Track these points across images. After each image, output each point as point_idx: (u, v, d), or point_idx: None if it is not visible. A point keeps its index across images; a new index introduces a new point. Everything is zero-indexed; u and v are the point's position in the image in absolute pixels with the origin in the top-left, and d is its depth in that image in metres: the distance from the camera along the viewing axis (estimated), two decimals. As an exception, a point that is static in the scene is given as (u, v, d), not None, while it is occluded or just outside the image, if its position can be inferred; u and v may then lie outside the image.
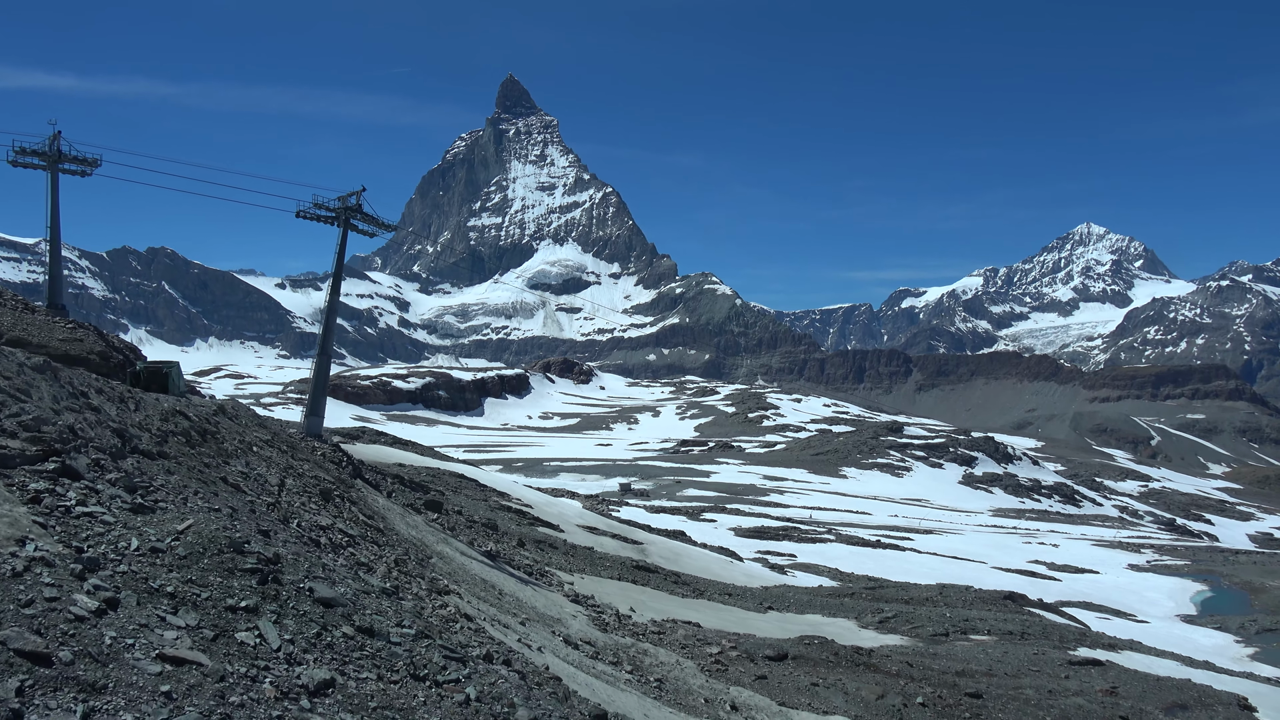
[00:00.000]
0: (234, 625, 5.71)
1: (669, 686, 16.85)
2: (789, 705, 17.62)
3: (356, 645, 6.19)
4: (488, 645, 10.18)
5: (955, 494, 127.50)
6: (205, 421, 12.78)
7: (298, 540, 9.69)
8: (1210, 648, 47.07)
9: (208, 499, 8.04)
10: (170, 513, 6.88)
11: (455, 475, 37.44)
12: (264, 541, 7.23)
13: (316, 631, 6.12)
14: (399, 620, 6.98)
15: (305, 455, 17.99)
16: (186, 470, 9.13)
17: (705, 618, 24.03)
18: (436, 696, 5.99)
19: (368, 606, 6.91)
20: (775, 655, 20.44)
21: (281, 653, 5.69)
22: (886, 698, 19.03)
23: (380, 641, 6.39)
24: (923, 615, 29.75)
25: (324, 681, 5.53)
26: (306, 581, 6.70)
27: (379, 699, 5.64)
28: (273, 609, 6.08)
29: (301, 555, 7.51)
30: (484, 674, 6.71)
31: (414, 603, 10.73)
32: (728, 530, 65.36)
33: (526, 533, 28.36)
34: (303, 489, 13.66)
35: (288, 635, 5.91)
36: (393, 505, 20.32)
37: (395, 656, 6.26)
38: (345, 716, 5.32)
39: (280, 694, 5.22)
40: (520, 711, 6.21)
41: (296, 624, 6.10)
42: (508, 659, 9.76)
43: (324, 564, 7.62)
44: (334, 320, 25.06)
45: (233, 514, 7.79)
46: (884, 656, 22.51)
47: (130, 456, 8.21)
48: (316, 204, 23.13)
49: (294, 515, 10.79)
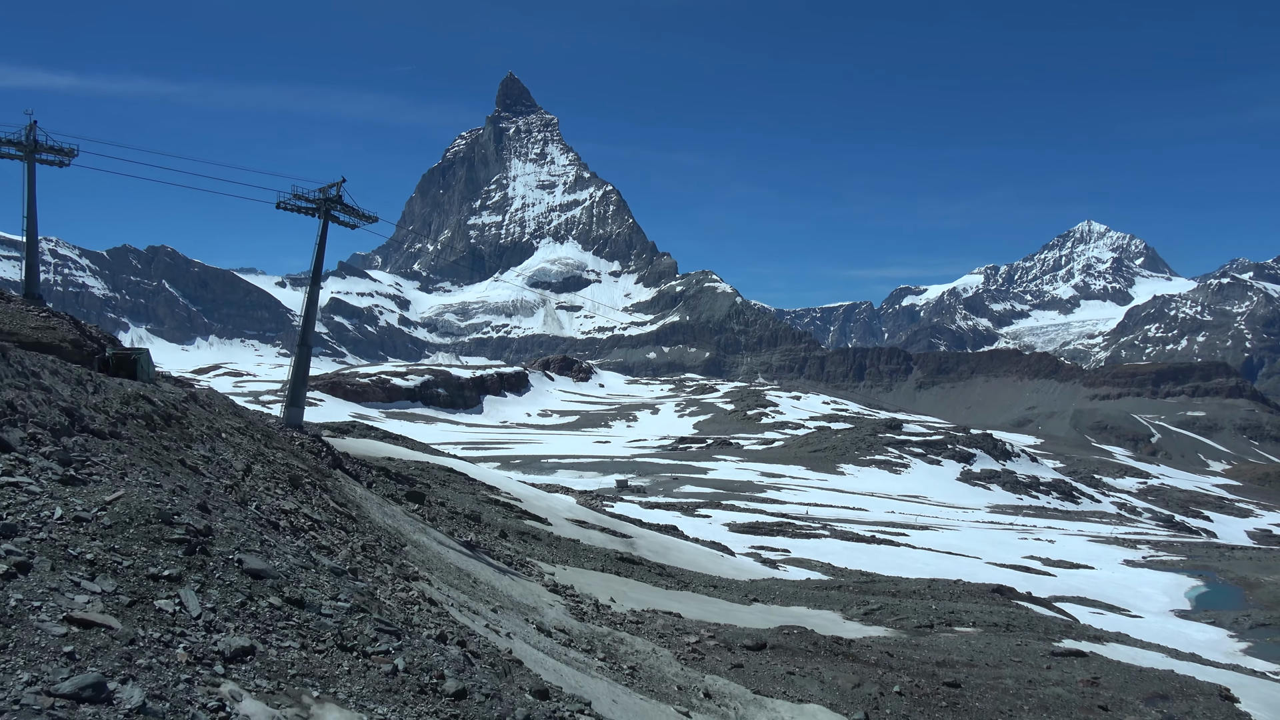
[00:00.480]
0: (154, 593, 5.72)
1: (642, 674, 16.85)
2: (764, 693, 17.62)
3: (283, 615, 6.20)
4: (443, 625, 10.19)
5: (953, 491, 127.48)
6: (171, 407, 12.78)
7: (253, 521, 9.69)
8: (1203, 642, 47.09)
9: (155, 477, 8.04)
10: (104, 486, 6.89)
11: (444, 469, 37.44)
12: (202, 516, 7.23)
13: (241, 601, 6.13)
14: (335, 595, 6.99)
15: (281, 444, 17.99)
16: (139, 451, 9.14)
17: (687, 609, 24.03)
18: (363, 666, 6.00)
19: (303, 581, 6.92)
20: (754, 645, 20.43)
21: (201, 620, 5.70)
22: (863, 686, 19.03)
23: (310, 613, 6.40)
24: (908, 607, 29.75)
25: (242, 649, 5.54)
26: (237, 554, 6.70)
27: (299, 667, 5.66)
28: (197, 578, 6.09)
29: (240, 530, 7.52)
30: (419, 648, 6.72)
31: (371, 584, 10.73)
32: (722, 526, 65.36)
33: (511, 525, 28.37)
34: (270, 475, 13.66)
35: (210, 604, 5.92)
36: (371, 495, 20.32)
37: (324, 628, 6.27)
38: (261, 683, 5.33)
39: (193, 659, 5.23)
40: (449, 683, 6.21)
41: (221, 593, 6.11)
42: (463, 640, 9.75)
43: (264, 540, 7.63)
44: (314, 312, 25.07)
45: (176, 491, 7.79)
46: (864, 647, 22.51)
47: (78, 435, 8.22)
48: (296, 195, 23.13)
49: (254, 499, 10.78)
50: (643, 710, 14.86)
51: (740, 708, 16.70)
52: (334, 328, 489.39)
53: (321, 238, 23.53)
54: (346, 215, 23.86)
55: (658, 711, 15.14)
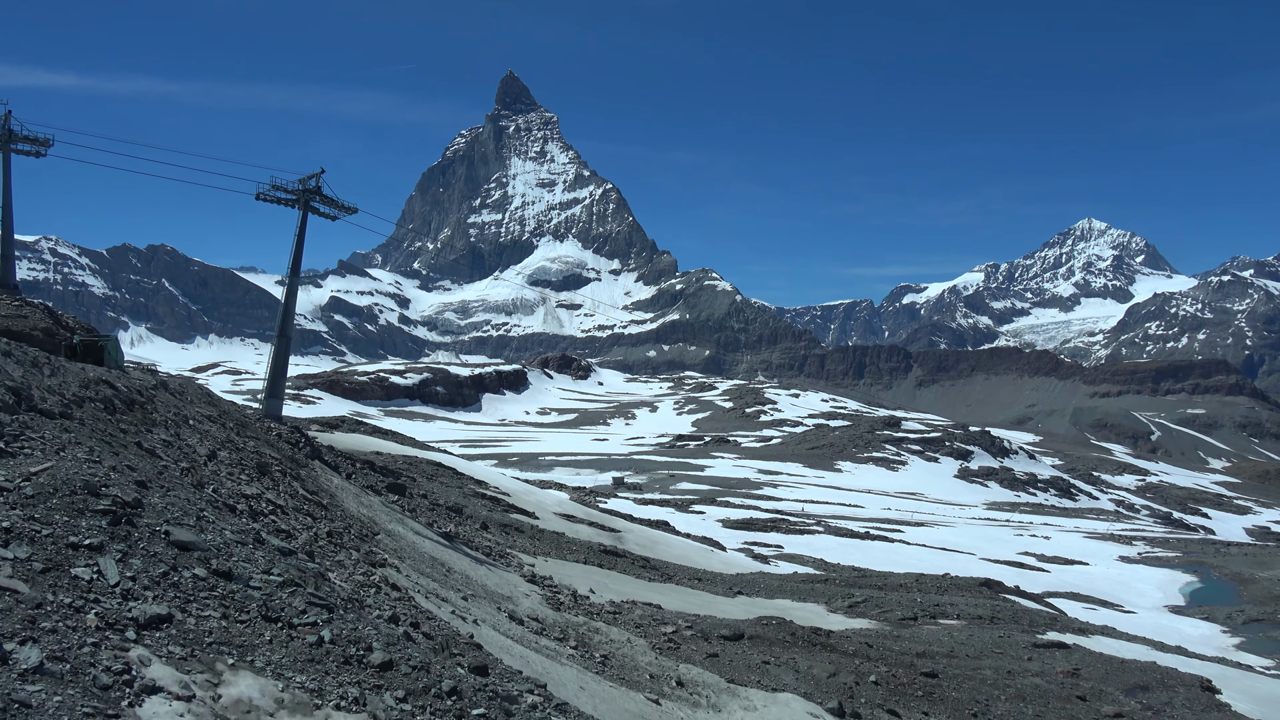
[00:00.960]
0: (72, 560, 5.73)
1: (614, 662, 16.85)
2: (738, 682, 17.62)
3: (207, 586, 6.21)
4: (399, 608, 10.18)
5: (950, 488, 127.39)
6: (136, 393, 12.78)
7: (207, 503, 9.68)
8: (1196, 638, 47.10)
9: (98, 455, 8.03)
10: (34, 459, 6.90)
11: (433, 463, 37.45)
12: (137, 491, 7.23)
13: (164, 571, 6.13)
14: (268, 570, 6.98)
15: (255, 434, 17.99)
16: (90, 432, 9.14)
17: (668, 600, 24.03)
18: (286, 637, 6.00)
19: (236, 555, 6.92)
20: (731, 635, 20.45)
21: (119, 588, 5.70)
22: (839, 676, 19.04)
23: (236, 585, 6.40)
24: (893, 600, 29.75)
25: (158, 616, 5.55)
26: (166, 526, 6.70)
27: (218, 635, 5.66)
28: (120, 548, 6.09)
29: (176, 506, 7.52)
30: (354, 623, 6.72)
31: (329, 566, 10.71)
32: (715, 522, 65.33)
33: (496, 518, 28.37)
34: (237, 462, 13.66)
35: (130, 573, 5.92)
36: (348, 486, 20.32)
37: (250, 600, 6.27)
38: (174, 649, 5.33)
39: (104, 624, 5.24)
40: (376, 654, 6.22)
41: (143, 563, 6.12)
42: (417, 622, 9.75)
43: (204, 517, 7.62)
44: (293, 303, 25.10)
45: (117, 469, 7.78)
46: (843, 638, 22.51)
47: (24, 414, 8.22)
48: (275, 186, 23.13)
49: (212, 482, 10.78)
50: (611, 697, 14.86)
51: (713, 696, 16.71)
52: (334, 326, 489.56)
53: (301, 229, 23.52)
54: (326, 206, 23.88)
55: (627, 699, 15.14)
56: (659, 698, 15.57)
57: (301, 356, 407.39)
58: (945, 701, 19.09)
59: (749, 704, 16.65)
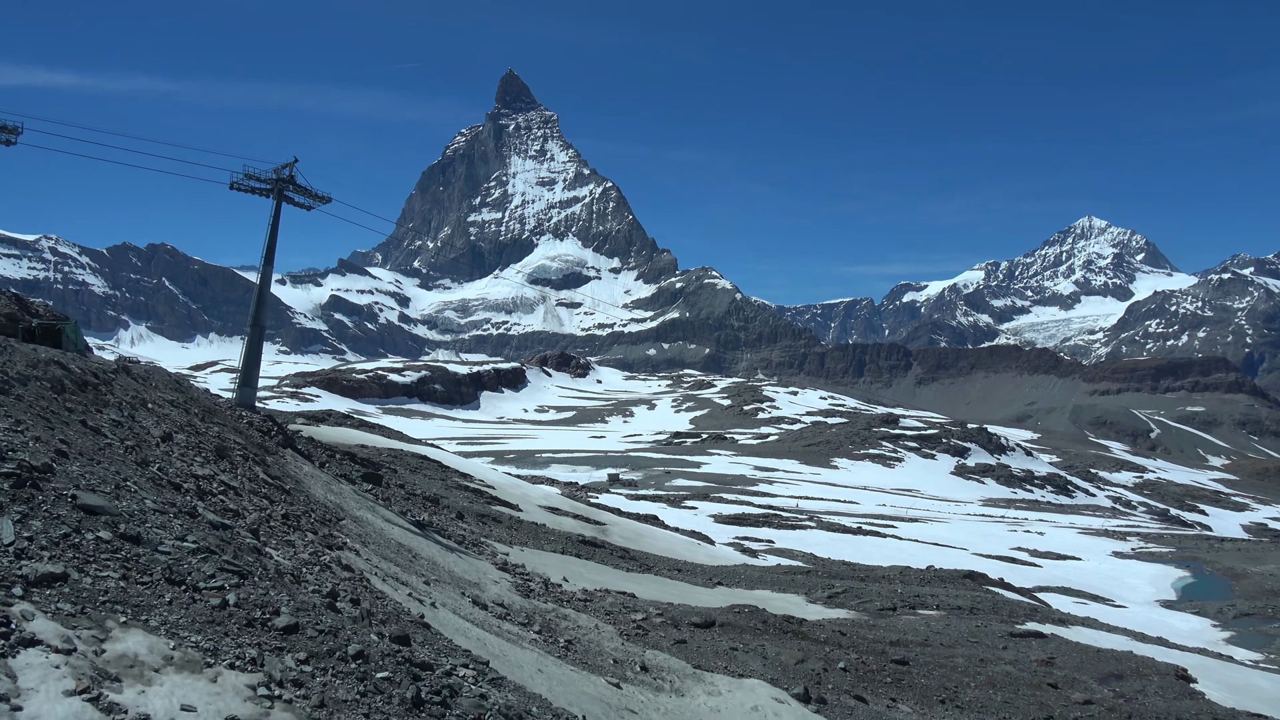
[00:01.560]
0: (-36, 521, 5.76)
1: (578, 648, 16.86)
2: (704, 668, 17.63)
3: (110, 549, 6.22)
4: (338, 585, 10.18)
5: (947, 484, 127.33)
6: (91, 375, 12.81)
7: (150, 482, 9.71)
8: (1187, 632, 47.09)
9: (23, 428, 8.06)
10: (-54, 426, 6.93)
11: (418, 457, 37.48)
12: (51, 458, 7.24)
13: (65, 533, 6.16)
14: (182, 537, 7.00)
15: (223, 421, 18.01)
16: (27, 408, 9.16)
17: (644, 590, 24.04)
18: (188, 599, 6.02)
19: (150, 522, 6.95)
20: (702, 622, 20.46)
21: (13, 548, 5.72)
22: (807, 662, 19.05)
23: (144, 549, 6.41)
24: (873, 591, 29.77)
25: (51, 574, 5.57)
26: (74, 491, 6.73)
27: (114, 595, 5.68)
28: (21, 509, 6.11)
29: (93, 475, 7.55)
30: (267, 590, 6.73)
31: (276, 545, 10.72)
32: (707, 517, 65.33)
33: (476, 509, 28.38)
34: (195, 445, 13.67)
35: (28, 533, 5.95)
36: (320, 474, 20.33)
37: (155, 563, 6.28)
38: (63, 606, 5.36)
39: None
40: (282, 619, 6.23)
41: (44, 524, 6.14)
42: (356, 598, 9.75)
43: (124, 486, 7.65)
44: (267, 292, 25.10)
45: (38, 439, 7.81)
46: (816, 626, 22.52)
47: (-43, 389, 8.27)
48: (248, 175, 23.14)
49: (158, 461, 10.80)
50: (570, 680, 14.87)
51: (677, 681, 16.71)
52: (334, 325, 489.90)
53: (275, 218, 23.53)
54: (300, 195, 23.89)
55: (587, 682, 15.15)
56: (620, 681, 15.58)
57: (301, 355, 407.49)
58: (914, 688, 19.11)
59: (713, 689, 16.65)
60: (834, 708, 17.01)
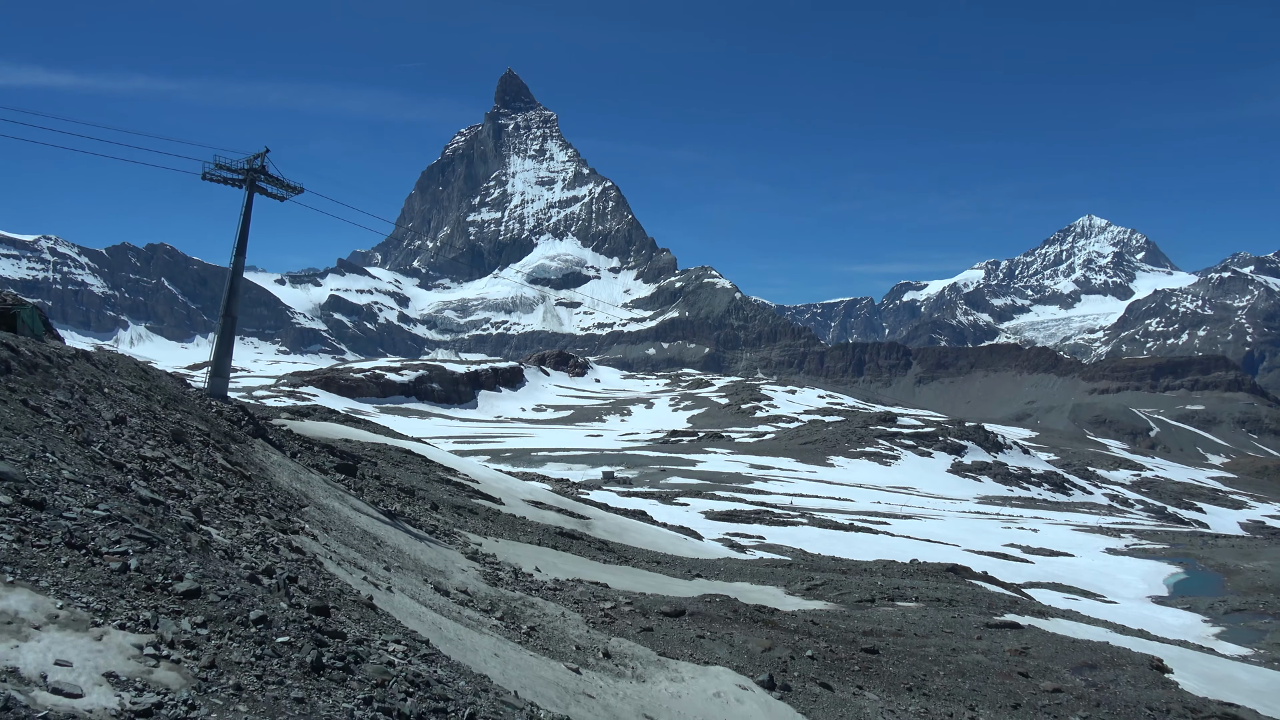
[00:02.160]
0: None
1: (541, 634, 16.86)
2: (669, 655, 17.63)
3: (9, 513, 6.20)
4: (275, 562, 10.17)
5: (943, 482, 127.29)
6: (43, 358, 12.82)
7: (88, 460, 9.72)
8: (1178, 627, 47.09)
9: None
10: None
11: (402, 451, 37.50)
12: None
13: (-43, 497, 6.18)
14: (93, 505, 7.01)
15: (188, 409, 18.01)
16: (-38, 385, 9.21)
17: (619, 580, 24.02)
18: (86, 563, 6.03)
19: (61, 490, 6.96)
20: (671, 611, 20.45)
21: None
22: (774, 650, 19.05)
23: (47, 514, 6.42)
24: (853, 583, 29.75)
25: (-64, 535, 5.59)
26: (-17, 460, 6.75)
27: (5, 556, 5.68)
28: (-86, 474, 6.13)
29: (9, 446, 7.55)
30: (174, 556, 6.73)
31: (220, 524, 10.72)
32: (699, 513, 65.32)
33: (454, 501, 28.38)
34: (149, 429, 13.69)
35: (-79, 497, 5.97)
36: (289, 463, 20.34)
37: (56, 528, 6.29)
38: (-54, 566, 5.37)
39: None
40: (184, 583, 6.24)
41: (-63, 489, 6.16)
42: (293, 576, 9.74)
43: (41, 455, 7.66)
44: (239, 282, 25.14)
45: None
46: (789, 616, 22.52)
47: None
48: (220, 165, 23.18)
49: (101, 441, 10.82)
50: (528, 665, 14.88)
51: (640, 667, 16.71)
52: (333, 325, 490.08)
53: (247, 209, 23.57)
54: (273, 186, 23.92)
55: (545, 667, 15.16)
56: (580, 667, 15.58)
57: (301, 355, 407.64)
58: (881, 676, 19.11)
59: (676, 675, 16.65)
60: (798, 695, 17.02)
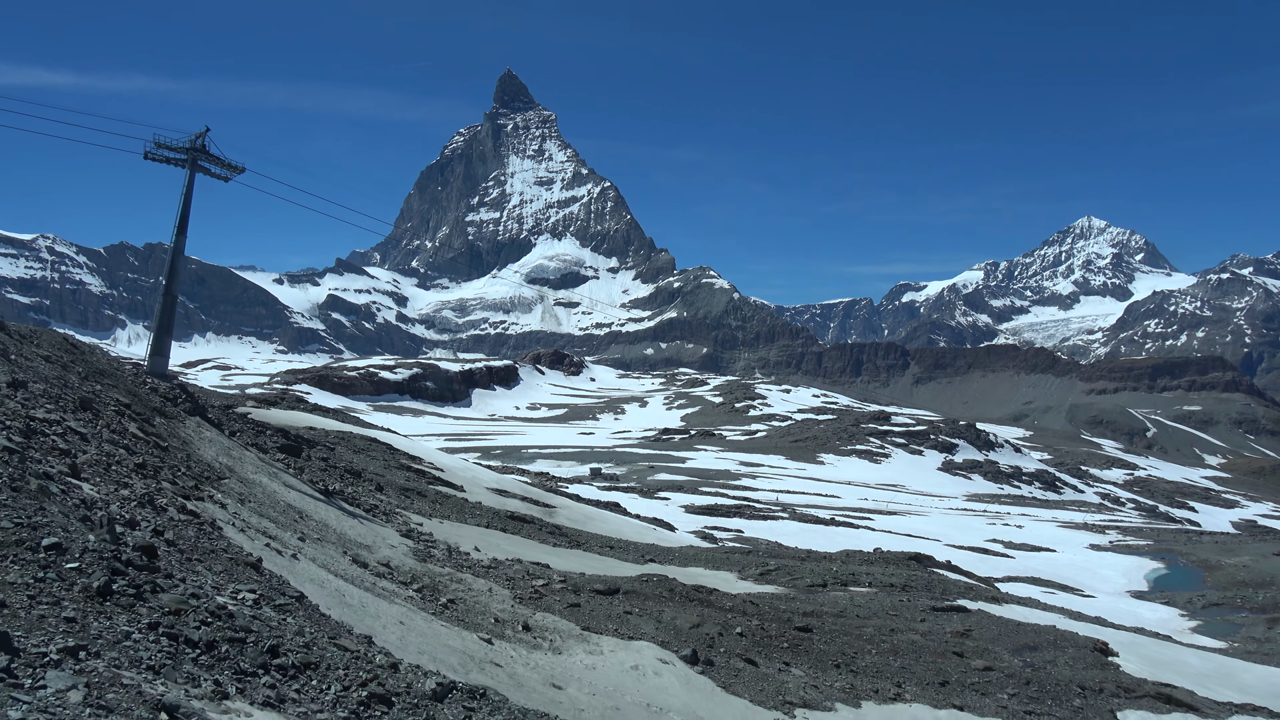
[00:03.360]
0: None
1: (459, 607, 16.87)
2: (593, 630, 17.64)
3: None
4: (148, 515, 10.19)
5: (933, 480, 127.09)
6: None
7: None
8: (1154, 621, 47.02)
9: None
10: None
11: (366, 439, 37.52)
12: None
13: None
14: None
15: (115, 383, 18.03)
16: None
17: (563, 563, 24.02)
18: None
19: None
20: (605, 590, 20.46)
21: None
22: (703, 627, 19.06)
23: None
24: (807, 569, 29.75)
25: None
26: None
27: None
28: None
29: None
30: (32, 515, 6.78)
31: (100, 483, 10.74)
32: (679, 507, 65.23)
33: (406, 485, 28.39)
34: (52, 395, 13.72)
35: None
36: (224, 440, 20.34)
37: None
38: None
39: None
40: (45, 539, 6.27)
41: None
42: (134, 521, 9.74)
43: None
44: (180, 262, 25.16)
45: None
46: (726, 596, 22.52)
47: None
48: (160, 144, 23.21)
49: (-15, 400, 10.88)
50: (436, 634, 14.88)
51: (558, 640, 16.71)
52: (331, 324, 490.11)
53: (188, 189, 23.59)
54: (214, 166, 23.96)
55: (456, 637, 15.15)
56: (494, 639, 15.58)
57: (299, 354, 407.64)
58: (810, 653, 19.11)
59: (595, 649, 16.65)
60: (720, 669, 17.02)
